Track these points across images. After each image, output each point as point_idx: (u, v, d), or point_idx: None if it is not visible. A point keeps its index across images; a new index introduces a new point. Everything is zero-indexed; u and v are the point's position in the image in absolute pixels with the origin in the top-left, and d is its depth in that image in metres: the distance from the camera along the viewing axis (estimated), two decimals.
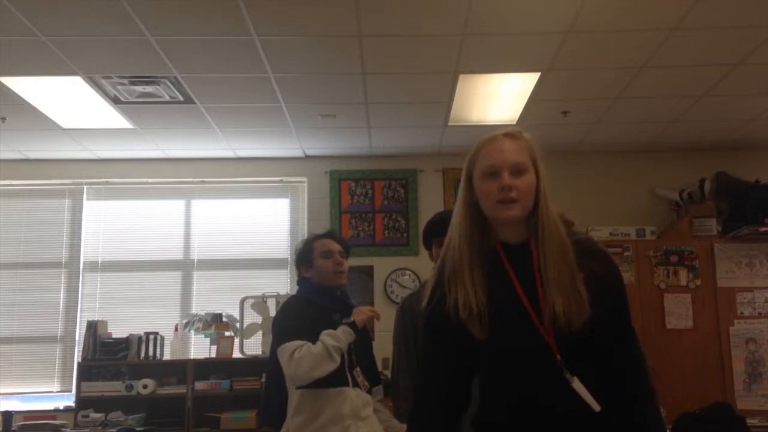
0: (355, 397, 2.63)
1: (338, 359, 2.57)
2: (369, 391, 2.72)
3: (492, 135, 1.71)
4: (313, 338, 2.60)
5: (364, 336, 2.78)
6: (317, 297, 2.80)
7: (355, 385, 2.68)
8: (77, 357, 5.54)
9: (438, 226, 2.81)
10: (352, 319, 2.69)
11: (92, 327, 5.34)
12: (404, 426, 2.70)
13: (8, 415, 4.85)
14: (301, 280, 2.91)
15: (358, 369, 2.70)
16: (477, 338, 1.63)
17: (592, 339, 1.60)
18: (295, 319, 2.70)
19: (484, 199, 1.66)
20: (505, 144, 1.67)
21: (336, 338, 2.58)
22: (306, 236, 3.02)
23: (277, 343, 2.65)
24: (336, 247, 2.87)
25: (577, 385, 1.58)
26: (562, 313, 1.56)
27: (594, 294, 1.59)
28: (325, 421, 2.56)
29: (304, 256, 2.88)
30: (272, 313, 5.43)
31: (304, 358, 2.52)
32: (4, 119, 4.95)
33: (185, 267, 5.98)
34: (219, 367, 5.30)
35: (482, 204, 1.67)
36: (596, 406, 1.57)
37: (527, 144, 1.70)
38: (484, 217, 1.69)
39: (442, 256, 1.75)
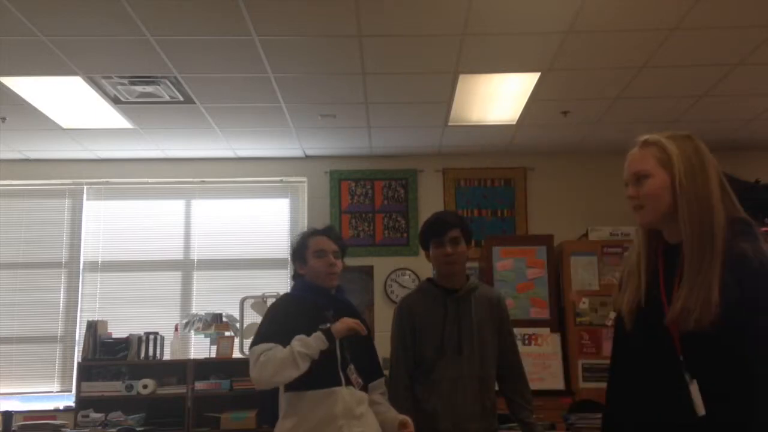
0: (347, 396, 2.56)
1: (304, 366, 2.46)
2: (365, 388, 2.67)
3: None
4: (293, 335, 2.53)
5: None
6: (311, 295, 2.71)
7: (348, 383, 2.60)
8: (77, 357, 5.54)
9: (434, 227, 2.81)
10: (329, 325, 2.55)
11: (92, 327, 5.34)
12: (400, 415, 2.64)
13: (8, 415, 4.85)
14: (296, 276, 2.84)
15: (351, 367, 2.63)
16: (628, 330, 1.75)
17: (719, 347, 1.61)
18: (275, 323, 2.62)
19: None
20: (631, 156, 1.81)
21: (306, 345, 2.47)
22: (303, 231, 2.92)
23: (251, 344, 2.61)
24: (330, 246, 2.75)
25: (694, 387, 1.61)
26: (685, 312, 1.60)
27: (729, 301, 1.59)
28: (316, 423, 2.51)
29: (299, 253, 2.79)
30: None
31: (270, 362, 2.46)
32: (4, 119, 4.95)
33: (185, 267, 5.98)
34: (219, 367, 5.30)
35: None
36: (701, 410, 1.60)
37: (656, 148, 1.76)
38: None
39: (625, 260, 1.89)
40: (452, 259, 2.72)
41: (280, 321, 2.61)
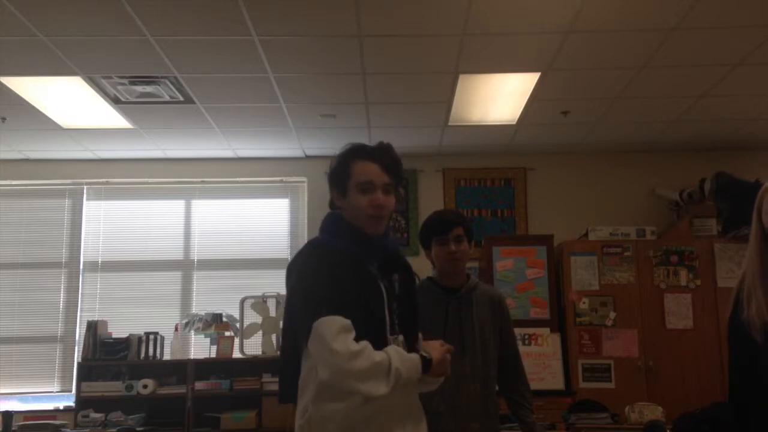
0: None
1: (390, 389, 1.81)
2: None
3: None
4: (353, 307, 1.87)
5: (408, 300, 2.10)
6: (357, 248, 1.97)
7: None
8: (77, 357, 5.54)
9: (438, 225, 2.80)
10: (425, 355, 1.93)
11: (92, 327, 5.34)
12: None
13: (8, 415, 4.84)
14: (332, 207, 2.12)
15: (399, 338, 2.00)
16: (760, 344, 1.81)
17: None
18: (340, 289, 1.87)
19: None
20: None
21: (408, 369, 1.84)
22: (348, 147, 2.11)
23: (312, 312, 1.84)
24: (381, 177, 1.98)
25: None
26: None
27: None
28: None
29: (339, 180, 2.06)
30: (272, 313, 5.42)
31: (365, 357, 1.79)
32: (4, 119, 4.95)
33: (185, 267, 5.98)
34: (219, 367, 5.30)
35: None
36: None
37: None
38: None
39: (742, 274, 1.97)
40: (456, 257, 2.72)
41: (345, 289, 1.89)
